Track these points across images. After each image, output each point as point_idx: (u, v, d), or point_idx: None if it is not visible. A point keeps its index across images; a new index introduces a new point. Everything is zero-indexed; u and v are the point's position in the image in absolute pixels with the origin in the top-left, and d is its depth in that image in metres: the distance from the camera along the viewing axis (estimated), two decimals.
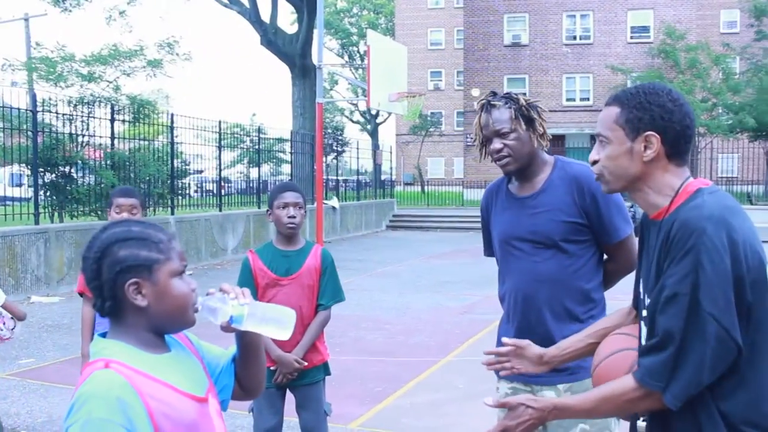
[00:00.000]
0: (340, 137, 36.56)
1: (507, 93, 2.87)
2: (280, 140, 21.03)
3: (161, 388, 1.63)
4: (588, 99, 35.27)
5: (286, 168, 22.30)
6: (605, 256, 2.91)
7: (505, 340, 2.42)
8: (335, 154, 35.93)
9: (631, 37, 34.55)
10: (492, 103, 2.83)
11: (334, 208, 22.12)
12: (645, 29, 34.35)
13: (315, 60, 17.11)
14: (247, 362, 1.91)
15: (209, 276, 13.35)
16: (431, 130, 45.21)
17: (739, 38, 37.02)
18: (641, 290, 2.06)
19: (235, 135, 19.41)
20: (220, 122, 17.06)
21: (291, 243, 3.83)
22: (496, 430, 2.02)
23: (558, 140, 33.38)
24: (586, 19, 34.98)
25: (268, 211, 3.86)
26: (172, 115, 15.11)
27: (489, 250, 3.11)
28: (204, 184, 19.28)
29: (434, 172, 51.48)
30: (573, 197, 2.78)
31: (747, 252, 1.75)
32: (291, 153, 21.31)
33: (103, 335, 1.73)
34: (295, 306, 3.52)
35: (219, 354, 1.92)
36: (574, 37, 35.23)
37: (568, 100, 35.53)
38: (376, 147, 33.77)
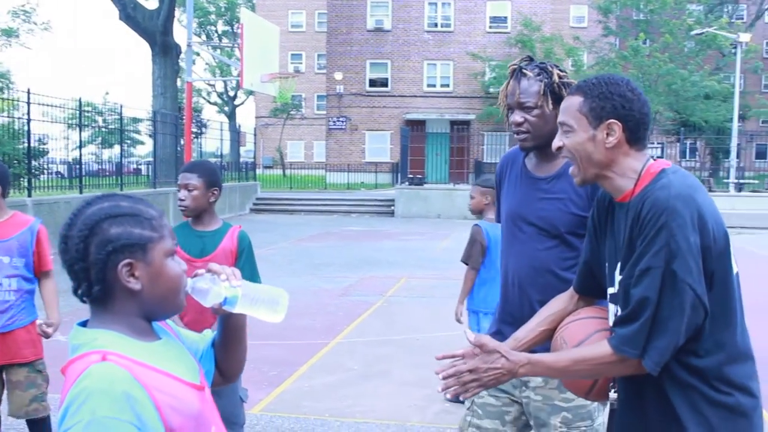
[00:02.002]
0: (199, 118, 35.65)
1: (543, 63, 2.70)
2: (135, 120, 20.18)
3: (164, 379, 1.48)
4: (448, 85, 36.05)
5: (141, 149, 21.45)
6: None
7: (467, 334, 2.08)
8: (194, 135, 34.99)
9: (490, 27, 35.58)
10: (524, 71, 2.66)
11: None
12: (503, 19, 35.47)
13: (182, 38, 16.50)
14: (229, 346, 1.80)
15: None
16: (292, 113, 44.82)
17: (587, 32, 38.95)
18: (607, 270, 2.12)
19: (88, 114, 18.38)
20: (80, 100, 16.16)
21: (205, 223, 3.67)
22: (465, 368, 1.99)
23: (419, 125, 33.99)
24: (447, 7, 35.69)
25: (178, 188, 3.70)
26: (29, 90, 14.14)
27: (500, 218, 2.95)
28: (55, 166, 18.25)
29: (294, 155, 51.16)
30: (587, 189, 2.61)
31: (713, 225, 1.87)
32: (154, 133, 20.47)
33: (83, 324, 1.55)
34: None
35: (197, 339, 1.80)
36: (436, 25, 35.87)
37: (429, 86, 36.16)
38: (235, 129, 33.16)
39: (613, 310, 2.07)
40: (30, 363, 3.88)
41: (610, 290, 2.09)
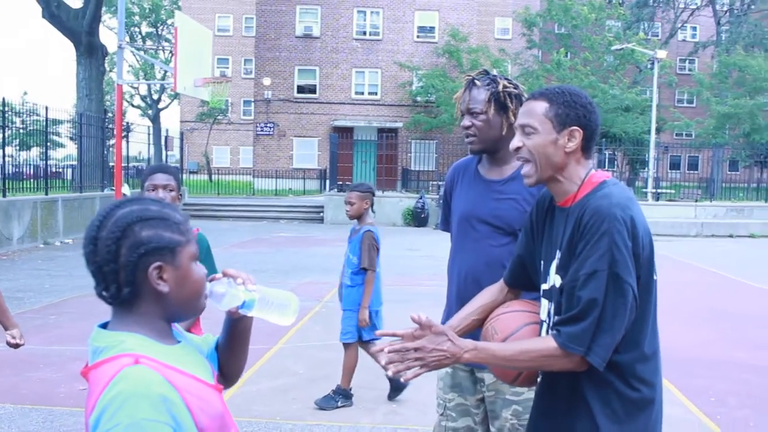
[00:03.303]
0: (124, 122, 34.87)
1: (494, 75, 2.91)
2: (57, 122, 19.63)
3: (191, 382, 1.51)
4: (376, 93, 36.34)
5: (61, 152, 20.80)
6: None
7: (414, 317, 2.08)
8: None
9: (418, 36, 36.06)
10: (475, 81, 2.89)
11: (124, 195, 21.12)
12: (431, 29, 36.01)
13: (107, 39, 16.17)
14: (234, 349, 1.83)
15: None
16: (219, 118, 44.35)
17: (512, 45, 39.87)
18: (542, 268, 2.27)
19: (7, 115, 17.80)
20: (3, 99, 15.70)
21: None
22: (412, 345, 2.03)
23: (347, 132, 34.13)
24: (376, 16, 36.01)
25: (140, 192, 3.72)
26: None
27: (445, 225, 3.14)
28: None
29: (220, 160, 50.62)
30: (540, 189, 2.76)
31: (643, 234, 2.04)
32: (79, 136, 19.99)
33: (103, 326, 1.57)
34: None
35: (199, 341, 1.81)
36: (364, 33, 36.14)
37: (357, 93, 36.39)
38: (158, 132, 32.66)
39: (546, 305, 2.22)
40: None
41: (544, 286, 2.24)
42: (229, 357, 1.83)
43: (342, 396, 5.66)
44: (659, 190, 27.94)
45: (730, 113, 34.65)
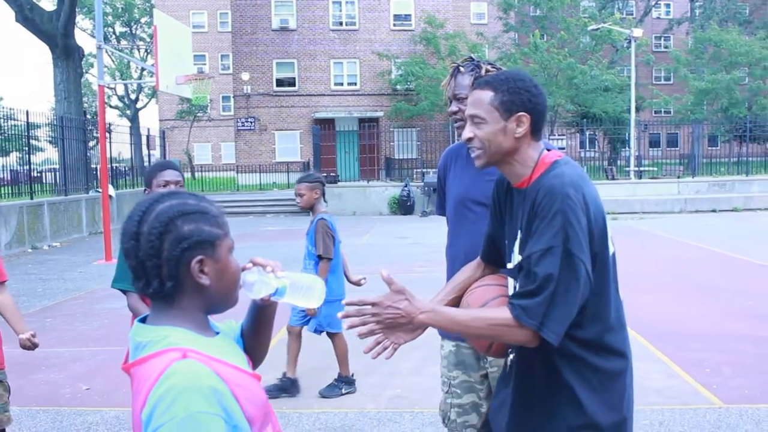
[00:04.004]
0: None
1: (476, 60, 2.99)
2: (34, 126, 19.48)
3: (236, 373, 1.52)
4: (355, 83, 36.32)
5: (40, 156, 20.60)
6: None
7: (383, 273, 2.11)
8: (98, 140, 33.94)
9: (395, 25, 36.05)
10: (460, 68, 2.98)
11: (110, 196, 21.03)
12: (407, 17, 36.01)
13: (88, 41, 16.08)
14: (260, 334, 1.85)
15: None
16: (199, 115, 44.15)
17: (488, 29, 39.96)
18: (506, 247, 2.36)
19: None
20: None
21: None
22: (369, 300, 2.06)
23: (328, 124, 34.11)
24: (351, 6, 35.96)
25: (145, 189, 3.74)
26: None
27: (441, 210, 3.24)
28: None
29: (201, 157, 50.43)
30: None
31: (596, 212, 2.12)
32: (61, 139, 19.87)
33: (142, 320, 1.59)
34: None
35: (225, 329, 1.79)
36: (341, 23, 36.08)
37: (336, 84, 36.34)
38: (137, 132, 32.44)
39: (511, 283, 2.29)
40: None
41: (509, 265, 2.32)
42: (255, 343, 1.85)
43: (345, 383, 5.74)
44: (641, 169, 28.17)
45: (708, 89, 34.95)
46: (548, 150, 2.26)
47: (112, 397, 5.81)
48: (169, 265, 1.51)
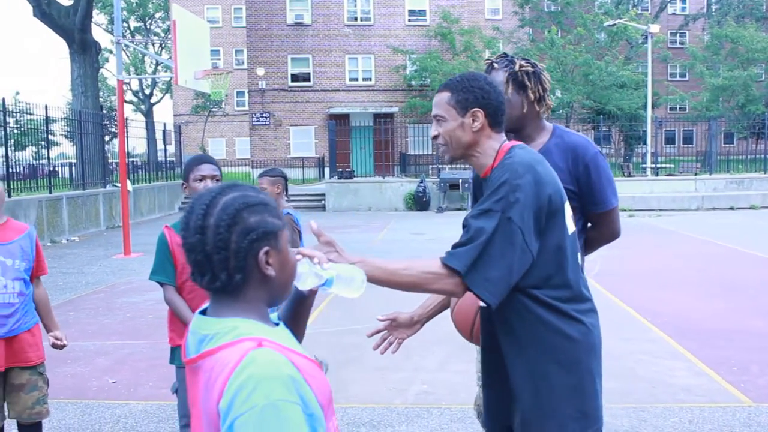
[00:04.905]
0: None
1: (510, 56, 2.97)
2: (52, 120, 19.55)
3: (307, 363, 1.51)
4: (370, 79, 36.27)
5: (55, 150, 20.65)
6: (588, 225, 3.09)
7: (379, 318, 2.76)
8: (114, 135, 34.10)
9: (409, 20, 35.95)
10: (494, 64, 2.98)
11: (128, 191, 21.10)
12: (422, 12, 35.92)
13: (103, 36, 16.10)
14: (298, 324, 1.88)
15: None
16: (214, 110, 44.21)
17: (502, 24, 39.82)
18: None
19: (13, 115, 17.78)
20: (3, 100, 15.67)
21: None
22: (305, 252, 1.88)
23: (343, 119, 34.10)
24: (366, 1, 35.89)
25: (183, 184, 3.73)
26: None
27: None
28: None
29: (215, 153, 50.50)
30: (567, 165, 2.91)
31: (551, 191, 2.26)
32: (79, 134, 19.95)
33: (203, 313, 1.58)
34: None
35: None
36: (356, 19, 36.03)
37: (351, 80, 36.30)
38: (152, 127, 32.52)
39: None
40: (33, 366, 3.89)
41: None
42: (293, 331, 1.84)
43: None
44: (658, 166, 28.02)
45: (724, 85, 34.71)
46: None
47: (138, 391, 5.83)
48: (238, 257, 1.50)
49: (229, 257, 1.49)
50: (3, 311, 3.73)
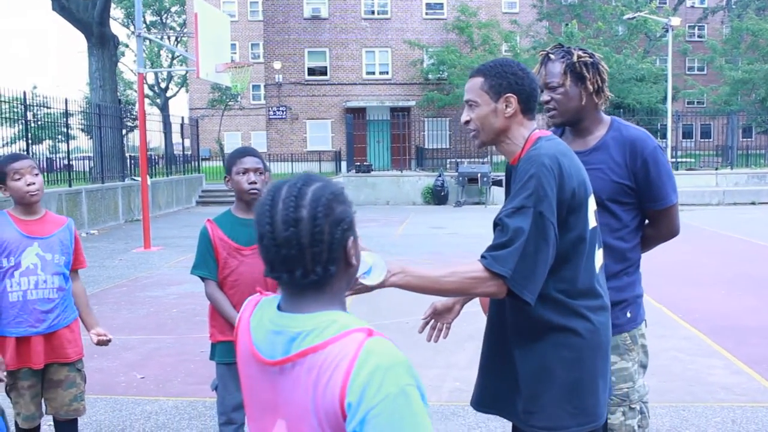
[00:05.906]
0: (135, 111, 34.86)
1: (568, 47, 2.88)
2: (72, 114, 19.60)
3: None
4: (387, 72, 36.15)
5: (72, 144, 20.63)
6: (646, 221, 2.99)
7: (423, 316, 2.84)
8: (131, 128, 34.20)
9: (427, 14, 35.79)
10: (550, 55, 2.88)
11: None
12: (439, 6, 35.74)
13: (124, 30, 16.08)
14: None
15: None
16: (230, 103, 44.21)
17: (519, 17, 39.52)
18: None
19: (32, 109, 17.78)
20: (24, 93, 15.67)
21: (251, 211, 3.66)
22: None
23: (359, 113, 34.01)
24: None
25: (226, 177, 3.66)
26: None
27: None
28: None
29: (231, 146, 50.51)
30: (625, 159, 2.82)
31: (575, 185, 2.26)
32: (98, 127, 19.96)
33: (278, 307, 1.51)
34: (259, 278, 3.40)
35: None
36: (373, 12, 35.90)
37: (368, 73, 36.19)
38: (168, 121, 32.54)
39: None
40: (72, 362, 3.82)
41: None
42: None
43: None
44: (678, 160, 27.76)
45: (745, 79, 34.31)
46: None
47: (167, 387, 5.77)
48: (332, 248, 1.46)
49: (324, 249, 1.45)
50: (43, 307, 3.66)
